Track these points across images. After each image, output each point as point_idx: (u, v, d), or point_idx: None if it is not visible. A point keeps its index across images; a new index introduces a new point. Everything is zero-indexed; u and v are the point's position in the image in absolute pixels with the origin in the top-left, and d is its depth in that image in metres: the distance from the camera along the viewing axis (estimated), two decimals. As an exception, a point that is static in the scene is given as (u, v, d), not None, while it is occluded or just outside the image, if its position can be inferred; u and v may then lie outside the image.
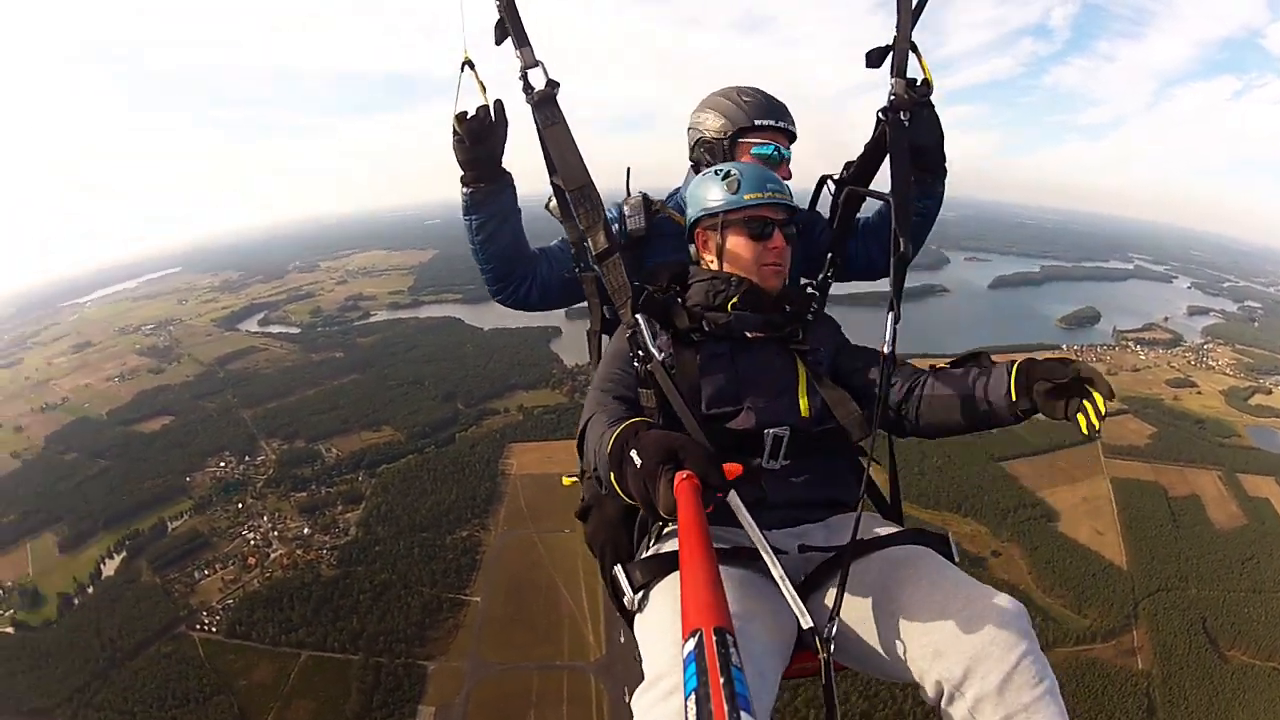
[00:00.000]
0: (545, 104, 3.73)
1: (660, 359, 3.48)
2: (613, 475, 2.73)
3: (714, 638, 1.34)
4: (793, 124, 4.62)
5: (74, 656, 69.52)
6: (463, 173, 4.03)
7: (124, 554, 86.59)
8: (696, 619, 1.43)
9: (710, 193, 3.88)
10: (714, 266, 3.93)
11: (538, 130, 3.79)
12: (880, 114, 3.94)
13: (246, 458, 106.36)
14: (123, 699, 64.28)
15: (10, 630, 76.16)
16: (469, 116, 3.83)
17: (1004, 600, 2.76)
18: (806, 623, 2.82)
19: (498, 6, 3.65)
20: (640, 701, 2.43)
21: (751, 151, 4.49)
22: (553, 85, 3.72)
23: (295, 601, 74.25)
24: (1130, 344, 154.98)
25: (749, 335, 3.70)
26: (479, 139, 3.89)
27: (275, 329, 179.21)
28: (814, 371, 3.73)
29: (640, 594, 3.03)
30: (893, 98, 3.82)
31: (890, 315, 3.44)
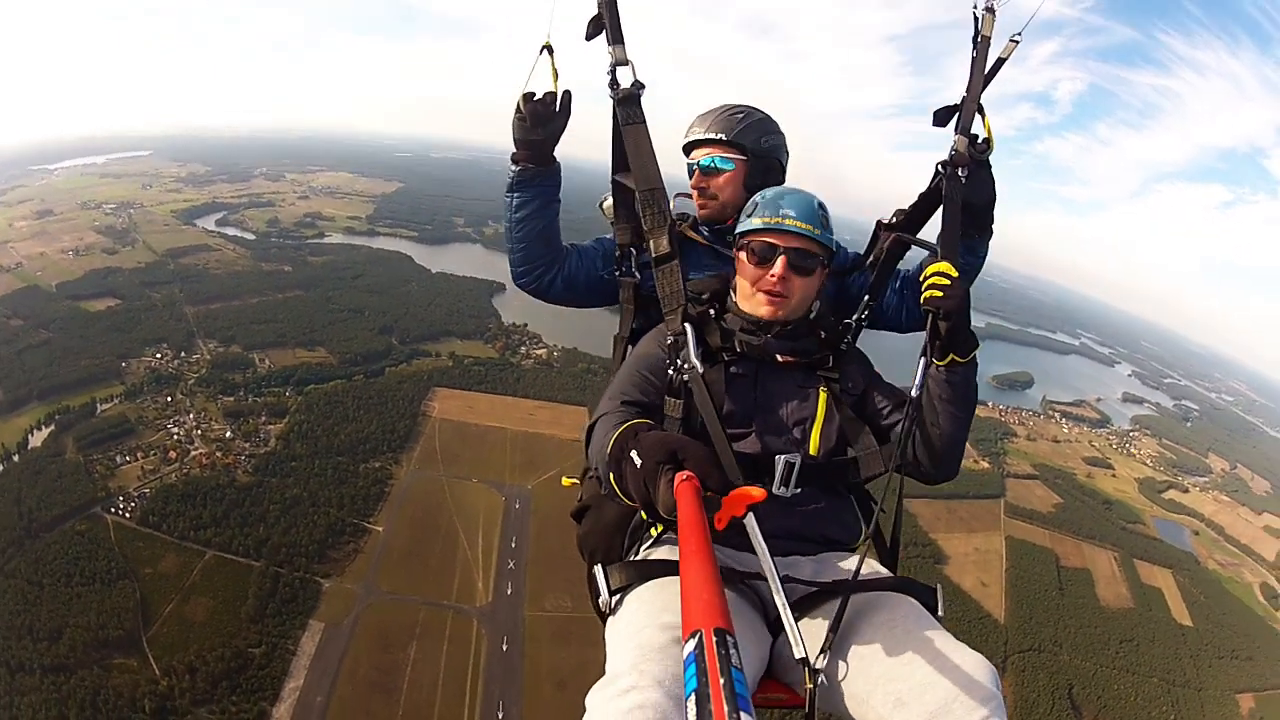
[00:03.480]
0: (629, 102, 3.94)
1: (700, 371, 3.57)
2: (612, 475, 2.92)
3: (714, 638, 1.34)
4: (728, 133, 4.53)
5: None
6: (515, 150, 4.17)
7: (52, 428, 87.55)
8: (697, 619, 1.42)
9: (741, 218, 3.97)
10: (735, 294, 4.01)
11: (615, 126, 4.00)
12: (939, 166, 4.01)
13: (182, 353, 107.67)
14: (34, 570, 65.55)
15: None
16: (535, 99, 4.00)
17: (975, 659, 2.76)
18: (800, 652, 2.83)
19: (599, 3, 3.87)
20: (594, 698, 2.44)
21: (690, 167, 4.64)
22: (638, 85, 3.93)
23: (208, 501, 75.16)
24: (1057, 415, 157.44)
25: (779, 359, 3.77)
26: (540, 122, 4.03)
27: (230, 231, 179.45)
28: (839, 400, 3.79)
29: (616, 597, 3.09)
30: (954, 153, 3.96)
31: (922, 361, 3.58)
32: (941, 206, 3.89)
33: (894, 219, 4.28)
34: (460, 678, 62.71)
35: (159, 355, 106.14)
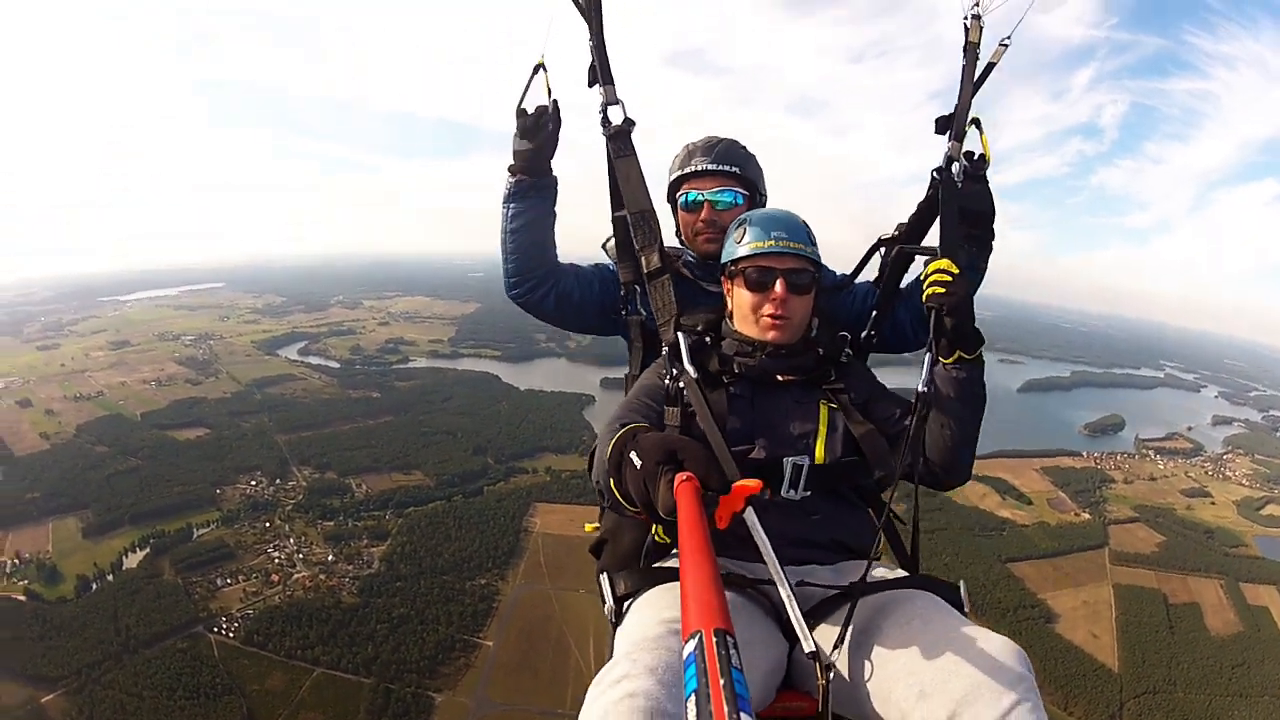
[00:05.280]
0: (620, 137, 4.15)
1: (694, 377, 3.68)
2: (612, 481, 2.91)
3: (714, 639, 1.32)
4: (732, 164, 4.57)
5: (87, 635, 70.79)
6: (511, 162, 4.32)
7: (148, 550, 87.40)
8: (697, 620, 1.41)
9: (728, 243, 4.03)
10: (731, 321, 4.04)
11: (609, 160, 4.21)
12: (934, 173, 4.04)
13: (278, 480, 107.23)
14: (134, 682, 65.58)
15: (22, 598, 77.79)
16: (528, 113, 4.18)
17: (1001, 642, 2.69)
18: (809, 647, 2.82)
19: (590, 47, 4.10)
20: (590, 691, 2.45)
21: (680, 202, 4.65)
22: (629, 122, 4.15)
23: (314, 621, 75.71)
24: (1150, 453, 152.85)
25: (780, 378, 3.78)
26: (532, 133, 4.19)
27: (314, 359, 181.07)
28: (844, 409, 3.75)
29: (624, 604, 3.17)
30: (948, 158, 3.97)
31: (928, 357, 3.58)
32: (939, 212, 3.91)
33: (895, 233, 4.36)
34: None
35: (254, 482, 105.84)
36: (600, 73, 4.06)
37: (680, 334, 3.85)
